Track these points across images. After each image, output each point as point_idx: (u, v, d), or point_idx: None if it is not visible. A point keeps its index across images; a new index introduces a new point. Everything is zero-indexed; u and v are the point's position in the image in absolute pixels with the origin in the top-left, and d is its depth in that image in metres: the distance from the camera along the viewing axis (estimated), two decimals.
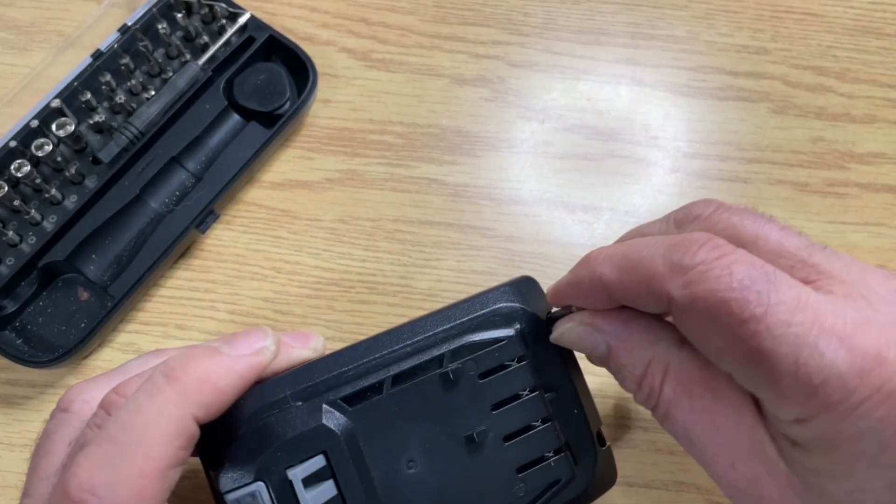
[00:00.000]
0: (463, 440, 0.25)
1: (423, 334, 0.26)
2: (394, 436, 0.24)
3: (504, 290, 0.27)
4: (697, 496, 0.35)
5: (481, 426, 0.25)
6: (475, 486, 0.24)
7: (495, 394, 0.25)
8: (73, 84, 0.38)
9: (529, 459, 0.25)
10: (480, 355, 0.25)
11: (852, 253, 0.40)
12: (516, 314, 0.26)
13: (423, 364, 0.25)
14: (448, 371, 0.25)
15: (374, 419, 0.24)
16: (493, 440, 0.25)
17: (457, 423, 0.25)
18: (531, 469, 0.25)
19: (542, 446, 0.25)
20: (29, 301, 0.36)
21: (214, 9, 0.41)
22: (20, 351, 0.35)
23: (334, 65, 0.43)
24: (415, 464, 0.24)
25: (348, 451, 0.24)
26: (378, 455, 0.24)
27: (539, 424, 0.25)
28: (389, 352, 0.25)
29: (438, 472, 0.24)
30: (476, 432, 0.24)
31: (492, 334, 0.25)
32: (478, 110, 0.43)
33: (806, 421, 0.19)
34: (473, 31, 0.45)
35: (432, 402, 0.25)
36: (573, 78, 0.44)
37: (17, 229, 0.36)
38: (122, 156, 0.38)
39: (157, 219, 0.38)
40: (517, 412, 0.25)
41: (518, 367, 0.25)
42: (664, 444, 0.36)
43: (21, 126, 0.37)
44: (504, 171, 0.42)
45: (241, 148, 0.39)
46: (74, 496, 0.21)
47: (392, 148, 0.42)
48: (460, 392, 0.25)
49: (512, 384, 0.25)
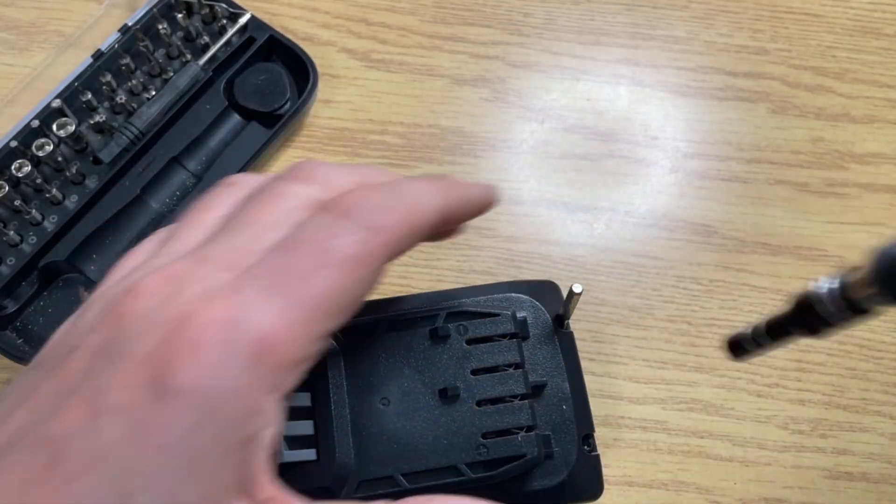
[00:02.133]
0: (437, 392, 0.25)
1: (433, 302, 0.27)
2: (376, 373, 0.26)
3: (518, 284, 0.28)
4: (697, 496, 0.35)
5: (456, 384, 0.25)
6: (438, 438, 0.25)
7: (478, 360, 0.26)
8: (73, 84, 0.38)
9: (497, 428, 0.25)
10: (473, 322, 0.26)
11: (852, 253, 0.40)
12: (523, 303, 0.27)
13: (418, 318, 0.27)
14: (437, 327, 0.26)
15: (361, 353, 0.26)
16: (465, 401, 0.25)
17: (435, 376, 0.26)
18: (497, 438, 0.25)
19: (513, 421, 0.25)
20: (30, 301, 0.36)
21: (215, 9, 0.41)
22: (21, 351, 0.35)
23: (335, 65, 0.43)
24: (387, 402, 0.25)
25: (330, 373, 0.25)
26: (357, 385, 0.25)
27: (516, 401, 0.26)
28: (395, 307, 0.27)
29: (407, 414, 0.25)
30: (449, 387, 0.25)
31: (490, 310, 0.27)
32: (478, 110, 0.43)
33: None
34: (473, 32, 0.45)
35: (417, 353, 0.26)
36: (573, 78, 0.44)
37: (17, 229, 0.36)
38: (123, 156, 0.38)
39: (157, 219, 0.38)
40: (495, 382, 0.26)
41: (507, 342, 0.26)
42: (664, 443, 0.36)
43: (22, 126, 0.37)
44: (504, 171, 0.42)
45: (241, 148, 0.39)
46: (348, 200, 0.20)
47: (392, 148, 0.42)
48: (446, 350, 0.26)
49: (496, 356, 0.26)
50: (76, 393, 0.17)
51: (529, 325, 0.27)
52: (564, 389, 0.27)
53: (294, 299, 0.18)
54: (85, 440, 0.17)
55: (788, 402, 0.37)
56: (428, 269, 0.39)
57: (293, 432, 0.24)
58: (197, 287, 0.19)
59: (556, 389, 0.27)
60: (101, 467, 0.17)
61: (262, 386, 0.18)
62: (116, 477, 0.16)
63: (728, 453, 0.36)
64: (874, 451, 0.36)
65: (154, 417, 0.17)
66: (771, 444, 0.36)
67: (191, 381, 0.17)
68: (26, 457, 0.17)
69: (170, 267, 0.19)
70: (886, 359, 0.38)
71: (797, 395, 0.37)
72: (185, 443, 0.17)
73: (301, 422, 0.24)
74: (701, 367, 0.37)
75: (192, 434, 0.17)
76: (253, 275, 0.18)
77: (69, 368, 0.18)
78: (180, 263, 0.20)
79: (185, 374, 0.17)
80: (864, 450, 0.36)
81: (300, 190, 0.21)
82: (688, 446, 0.36)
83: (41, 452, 0.17)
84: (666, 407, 0.37)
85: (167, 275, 0.19)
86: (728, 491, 0.35)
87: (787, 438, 0.36)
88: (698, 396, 0.37)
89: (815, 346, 0.38)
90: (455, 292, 0.28)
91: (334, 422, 0.25)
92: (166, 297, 0.18)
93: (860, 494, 0.36)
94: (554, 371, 0.27)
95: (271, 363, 0.18)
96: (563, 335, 0.27)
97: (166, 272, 0.19)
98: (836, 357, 0.38)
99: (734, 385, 0.37)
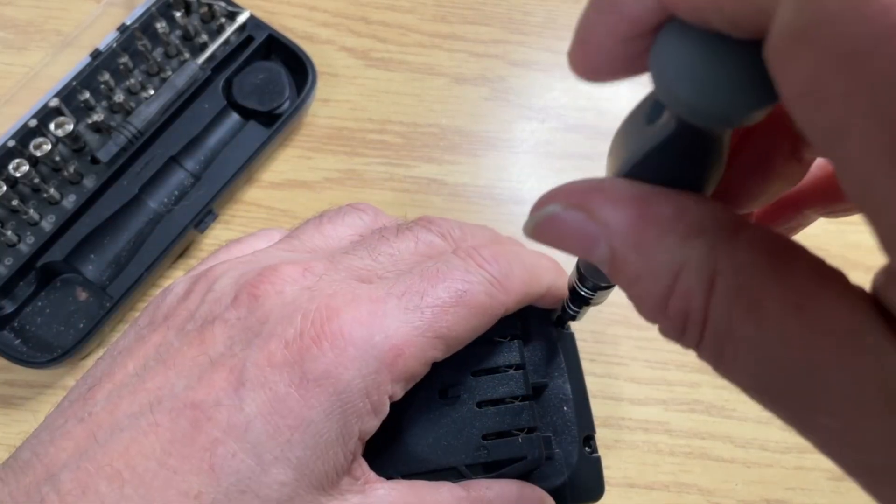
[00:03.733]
0: (437, 393, 0.25)
1: None
2: None
3: None
4: (699, 498, 0.35)
5: (457, 385, 0.25)
6: (438, 438, 0.25)
7: (478, 361, 0.26)
8: (71, 83, 0.38)
9: (498, 430, 0.25)
10: None
11: (854, 252, 0.40)
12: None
13: None
14: None
15: None
16: (466, 402, 0.25)
17: (435, 376, 0.25)
18: (497, 439, 0.25)
19: (513, 422, 0.25)
20: (27, 301, 0.36)
21: (213, 8, 0.41)
22: (18, 351, 0.35)
23: (334, 64, 0.43)
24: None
25: None
26: None
27: (515, 402, 0.25)
28: None
29: (407, 415, 0.25)
30: (449, 388, 0.25)
31: None
32: (478, 109, 0.43)
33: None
34: (473, 30, 0.44)
35: None
36: (574, 77, 0.44)
37: (15, 229, 0.36)
38: (121, 155, 0.38)
39: (155, 219, 0.38)
40: (495, 383, 0.26)
41: (507, 343, 0.26)
42: (665, 445, 0.36)
43: (19, 125, 0.37)
44: (504, 170, 0.41)
45: (240, 147, 0.39)
46: (484, 254, 0.22)
47: (392, 147, 0.42)
48: None
49: (497, 357, 0.26)
50: (220, 363, 0.19)
51: (530, 325, 0.27)
52: (565, 390, 0.26)
53: (428, 324, 0.20)
54: (229, 409, 0.18)
55: None
56: None
57: None
58: (335, 287, 0.20)
59: (557, 390, 0.26)
60: (242, 437, 0.18)
61: (385, 389, 0.20)
62: (255, 447, 0.18)
63: (730, 455, 0.36)
64: None
65: (294, 398, 0.18)
66: (773, 445, 0.36)
67: (331, 370, 0.19)
68: (172, 419, 0.18)
69: (306, 261, 0.21)
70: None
71: None
72: (319, 426, 0.18)
73: None
74: (703, 367, 0.37)
75: (325, 418, 0.19)
76: (395, 290, 0.20)
77: (211, 337, 0.20)
78: (318, 261, 0.21)
79: (326, 362, 0.19)
80: None
81: (436, 240, 0.23)
82: (689, 447, 0.36)
83: (186, 416, 0.18)
84: (668, 408, 0.37)
85: (305, 267, 0.21)
86: (730, 492, 0.35)
87: (789, 439, 0.36)
88: (700, 397, 0.37)
89: None
90: None
91: None
92: (306, 289, 0.20)
93: (862, 496, 0.35)
94: (555, 372, 0.27)
95: (398, 371, 0.20)
96: (563, 336, 0.27)
97: (304, 264, 0.21)
98: None
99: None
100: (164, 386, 0.19)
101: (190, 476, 0.17)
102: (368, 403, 0.19)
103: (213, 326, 0.20)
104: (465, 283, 0.21)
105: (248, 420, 0.18)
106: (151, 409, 0.18)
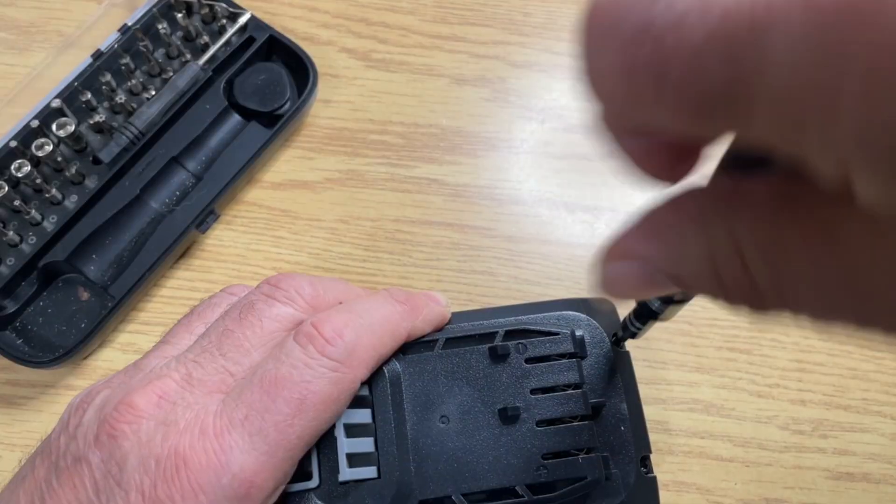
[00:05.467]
0: (496, 412, 0.25)
1: (488, 318, 0.27)
2: (435, 390, 0.26)
3: (575, 301, 0.28)
4: (698, 496, 0.35)
5: (516, 404, 0.25)
6: (497, 458, 0.25)
7: (538, 380, 0.26)
8: (73, 84, 0.38)
9: (557, 449, 0.25)
10: (532, 341, 0.26)
11: None
12: (580, 322, 0.27)
13: (477, 335, 0.27)
14: (497, 346, 0.26)
15: (420, 371, 0.26)
16: (525, 421, 0.25)
17: (495, 395, 0.26)
18: (557, 459, 0.25)
19: (573, 442, 0.25)
20: (29, 301, 0.36)
21: (215, 9, 0.41)
22: (20, 351, 0.35)
23: (334, 65, 0.43)
24: (447, 420, 0.25)
25: (390, 390, 0.25)
26: (416, 402, 0.25)
27: (576, 422, 0.25)
28: (454, 325, 0.27)
29: (467, 433, 0.25)
30: (510, 407, 0.25)
31: (549, 328, 0.27)
32: (478, 110, 0.43)
33: None
34: (474, 31, 0.44)
35: (477, 371, 0.26)
36: (574, 78, 0.44)
37: (17, 229, 0.36)
38: (123, 156, 0.38)
39: (157, 219, 0.38)
40: (555, 402, 0.26)
41: (566, 362, 0.26)
42: (664, 444, 0.36)
43: (21, 126, 0.37)
44: (504, 171, 0.42)
45: (241, 148, 0.39)
46: (326, 333, 0.22)
47: (392, 148, 0.42)
48: (505, 368, 0.26)
49: (556, 376, 0.26)
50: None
51: (587, 344, 0.27)
52: (622, 410, 0.26)
53: (274, 445, 0.21)
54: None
55: (789, 402, 0.37)
56: (428, 269, 0.39)
57: (354, 450, 0.24)
58: (188, 413, 0.21)
59: (614, 410, 0.26)
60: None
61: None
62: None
63: (729, 454, 0.36)
64: (875, 451, 0.36)
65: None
66: (772, 444, 0.36)
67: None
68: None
69: (163, 384, 0.22)
70: (887, 359, 0.38)
71: (798, 396, 0.37)
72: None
73: (361, 439, 0.24)
74: (702, 367, 0.37)
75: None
76: (238, 414, 0.21)
77: (81, 482, 0.21)
78: (174, 380, 0.22)
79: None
80: (865, 450, 0.36)
81: (281, 311, 0.24)
82: (688, 447, 0.36)
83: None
84: (667, 407, 0.37)
85: (160, 395, 0.22)
86: (729, 491, 0.35)
87: (788, 439, 0.36)
88: (699, 397, 0.37)
89: (816, 346, 0.38)
90: (510, 309, 0.28)
91: (395, 440, 0.24)
92: (161, 424, 0.21)
93: (861, 495, 0.35)
94: (611, 391, 0.27)
95: (253, 499, 0.21)
96: (619, 354, 0.27)
97: (160, 391, 0.22)
98: (837, 357, 0.38)
99: (735, 385, 0.37)
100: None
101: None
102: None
103: (80, 466, 0.21)
104: (305, 387, 0.22)
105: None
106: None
